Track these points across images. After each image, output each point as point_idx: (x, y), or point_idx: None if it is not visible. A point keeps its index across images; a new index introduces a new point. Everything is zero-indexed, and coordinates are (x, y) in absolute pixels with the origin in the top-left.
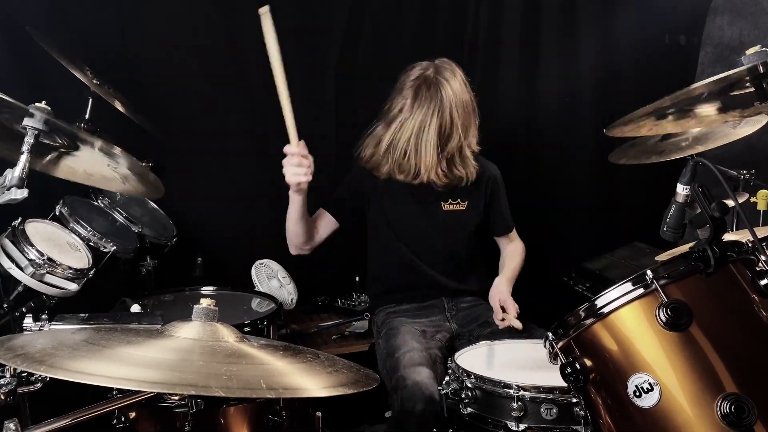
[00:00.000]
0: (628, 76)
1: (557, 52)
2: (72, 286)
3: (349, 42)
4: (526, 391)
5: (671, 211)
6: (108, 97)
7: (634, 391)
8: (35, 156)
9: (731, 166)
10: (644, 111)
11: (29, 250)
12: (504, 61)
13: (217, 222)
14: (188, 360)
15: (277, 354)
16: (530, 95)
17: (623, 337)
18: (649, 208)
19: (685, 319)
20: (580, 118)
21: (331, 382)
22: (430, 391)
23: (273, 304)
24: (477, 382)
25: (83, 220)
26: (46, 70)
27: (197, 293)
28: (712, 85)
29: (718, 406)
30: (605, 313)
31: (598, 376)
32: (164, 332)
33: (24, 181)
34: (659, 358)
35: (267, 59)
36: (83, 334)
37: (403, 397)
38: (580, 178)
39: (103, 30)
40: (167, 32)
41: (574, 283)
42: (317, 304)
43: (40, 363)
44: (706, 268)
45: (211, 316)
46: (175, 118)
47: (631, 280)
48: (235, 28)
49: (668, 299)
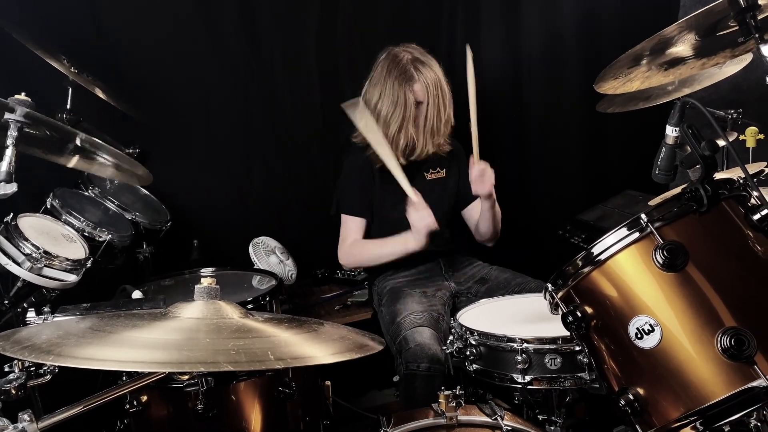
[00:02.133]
0: (610, 25)
1: (537, 4)
2: (71, 277)
3: (327, 13)
4: (530, 343)
5: (662, 153)
6: (87, 84)
7: (635, 334)
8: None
9: (718, 106)
10: (629, 57)
11: (24, 244)
12: (484, 14)
13: (210, 203)
14: (195, 338)
15: (282, 326)
16: (513, 51)
17: (621, 282)
18: (639, 155)
19: (682, 259)
20: (564, 70)
21: (338, 348)
22: (433, 350)
23: (274, 280)
24: (480, 339)
25: (75, 211)
26: (22, 62)
27: (197, 276)
28: (693, 20)
29: (719, 341)
30: (602, 260)
31: (599, 322)
32: (168, 314)
33: (12, 176)
34: (658, 300)
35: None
36: (87, 321)
37: (407, 359)
38: (567, 129)
39: (76, 17)
40: (141, 13)
41: (569, 236)
42: (317, 277)
43: (48, 353)
44: (699, 207)
45: (213, 294)
46: (157, 100)
47: (626, 225)
48: (213, 5)
49: (664, 241)
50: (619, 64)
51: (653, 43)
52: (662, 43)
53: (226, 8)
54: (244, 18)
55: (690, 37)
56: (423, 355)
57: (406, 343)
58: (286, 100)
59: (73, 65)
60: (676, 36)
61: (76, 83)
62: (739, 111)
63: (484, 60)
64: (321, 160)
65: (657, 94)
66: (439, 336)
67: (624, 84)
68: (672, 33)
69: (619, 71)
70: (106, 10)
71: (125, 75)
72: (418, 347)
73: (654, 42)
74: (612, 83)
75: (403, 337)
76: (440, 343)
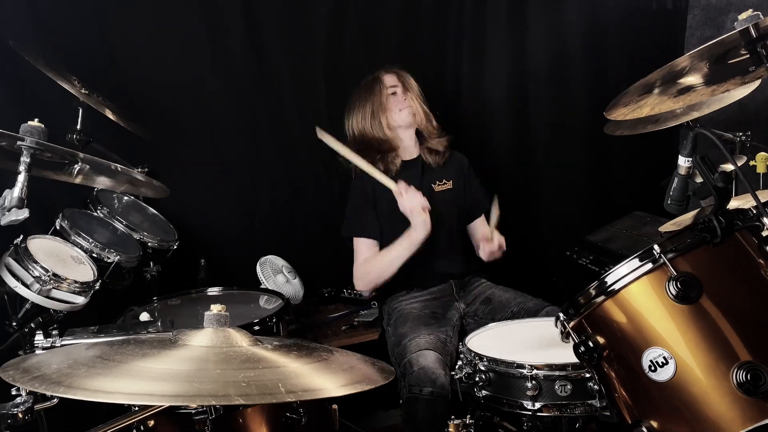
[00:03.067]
0: (617, 45)
1: (544, 25)
2: (79, 299)
3: (335, 28)
4: (540, 369)
5: (674, 183)
6: (98, 106)
7: (649, 366)
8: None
9: (726, 127)
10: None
11: (34, 267)
12: (490, 36)
13: (218, 222)
14: (205, 369)
15: (291, 355)
16: (519, 71)
17: (635, 313)
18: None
19: (695, 291)
20: (571, 89)
21: (348, 379)
22: (437, 374)
23: (280, 300)
24: (490, 365)
25: (84, 232)
26: (34, 83)
27: (204, 295)
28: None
29: (734, 375)
30: (615, 290)
31: (611, 352)
32: (178, 342)
33: (24, 201)
34: (672, 332)
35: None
36: (97, 349)
37: (410, 383)
38: (574, 149)
39: (87, 37)
40: (150, 35)
41: (576, 257)
42: (324, 296)
43: (58, 384)
44: (712, 238)
45: (223, 321)
46: (165, 121)
47: (639, 255)
48: (220, 26)
49: (677, 272)
50: (630, 94)
51: (664, 73)
52: (673, 73)
53: (234, 29)
54: (251, 39)
55: (701, 66)
56: (426, 379)
57: (410, 366)
58: (293, 121)
59: (83, 87)
60: (688, 66)
61: (86, 104)
62: (748, 134)
63: (490, 80)
64: (327, 179)
65: (665, 117)
66: (445, 359)
67: (634, 111)
68: (683, 63)
69: (629, 99)
70: (117, 32)
71: (134, 96)
72: (422, 371)
73: (665, 72)
74: (622, 110)
75: (407, 360)
76: (445, 367)
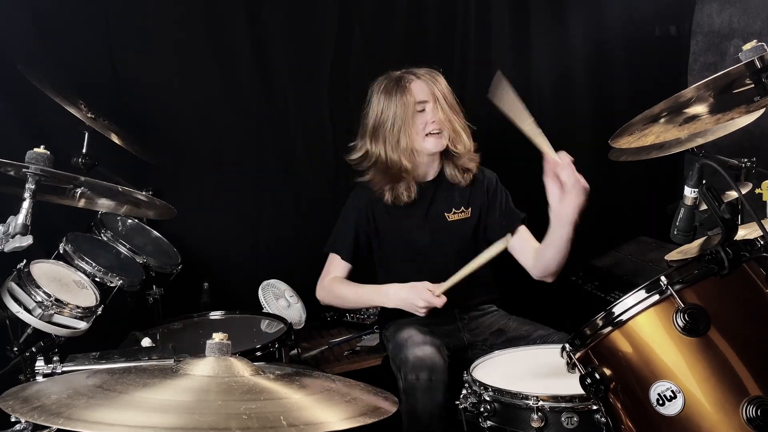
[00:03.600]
0: (620, 70)
1: (548, 50)
2: (81, 324)
3: (340, 50)
4: (545, 401)
5: (680, 214)
6: (103, 130)
7: (657, 399)
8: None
9: (731, 153)
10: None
11: (36, 292)
12: (495, 60)
13: (221, 246)
14: (206, 400)
15: (293, 386)
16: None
17: (642, 345)
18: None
19: (703, 324)
20: (575, 114)
21: (351, 411)
22: (434, 360)
23: (282, 325)
24: (495, 395)
25: (88, 256)
26: (40, 107)
27: (206, 319)
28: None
29: (744, 410)
30: (623, 321)
31: (618, 385)
32: (179, 370)
33: (28, 228)
34: (680, 365)
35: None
36: (97, 378)
37: (406, 372)
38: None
39: (94, 63)
40: (157, 59)
41: (582, 282)
42: (326, 320)
43: (57, 416)
44: (720, 270)
45: (225, 350)
46: (171, 144)
47: (646, 286)
48: (225, 50)
49: (684, 304)
50: (634, 125)
51: (669, 104)
52: (678, 104)
53: (241, 54)
54: (258, 64)
55: (706, 96)
56: (422, 366)
57: (406, 358)
58: (299, 145)
59: (89, 111)
60: (693, 97)
61: (92, 128)
62: (753, 160)
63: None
64: (332, 203)
65: (670, 143)
66: (443, 355)
67: (638, 139)
68: (689, 95)
69: (634, 129)
70: (124, 57)
71: (140, 119)
72: (417, 359)
73: (670, 103)
74: (627, 139)
75: (404, 354)
76: (443, 357)
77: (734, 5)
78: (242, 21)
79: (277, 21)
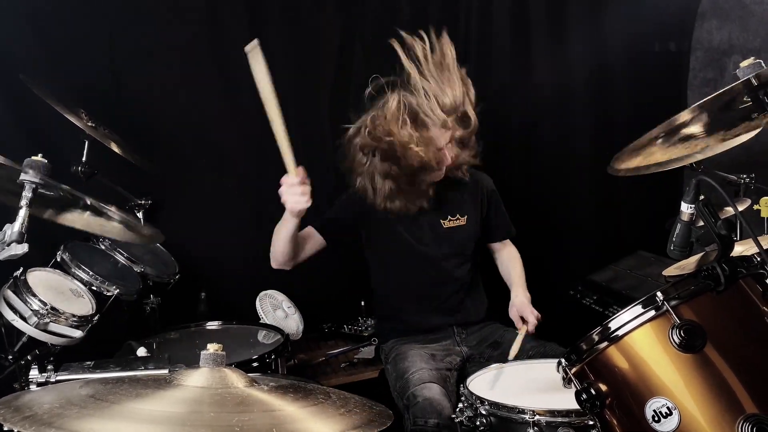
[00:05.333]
0: (620, 86)
1: (548, 66)
2: (77, 333)
3: (341, 63)
4: (542, 415)
5: (677, 229)
6: (103, 139)
7: (652, 416)
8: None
9: (730, 169)
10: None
11: (32, 300)
12: (495, 76)
13: (219, 256)
14: (198, 412)
15: (287, 398)
16: (524, 109)
17: (638, 361)
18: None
19: (699, 340)
20: (575, 128)
21: (345, 424)
22: (442, 405)
23: (279, 336)
24: (491, 409)
25: (85, 265)
26: (41, 116)
27: (203, 329)
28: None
29: (740, 428)
30: (618, 336)
31: (614, 401)
32: (172, 381)
33: (24, 236)
34: (676, 382)
35: None
36: (90, 388)
37: (414, 414)
38: (578, 188)
39: (95, 72)
40: (160, 69)
41: (581, 297)
42: (324, 331)
43: (48, 426)
44: (716, 286)
45: (219, 361)
46: (170, 154)
47: (642, 302)
48: (227, 61)
49: (680, 320)
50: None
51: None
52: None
53: (243, 66)
54: None
55: (703, 116)
56: (432, 411)
57: (414, 398)
58: (299, 156)
59: (90, 120)
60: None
61: (92, 137)
62: (752, 176)
63: (495, 118)
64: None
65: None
66: (449, 395)
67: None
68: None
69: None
70: (125, 67)
71: (140, 129)
72: (427, 402)
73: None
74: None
75: (411, 393)
76: (449, 401)
77: (734, 22)
78: (244, 33)
79: (280, 33)
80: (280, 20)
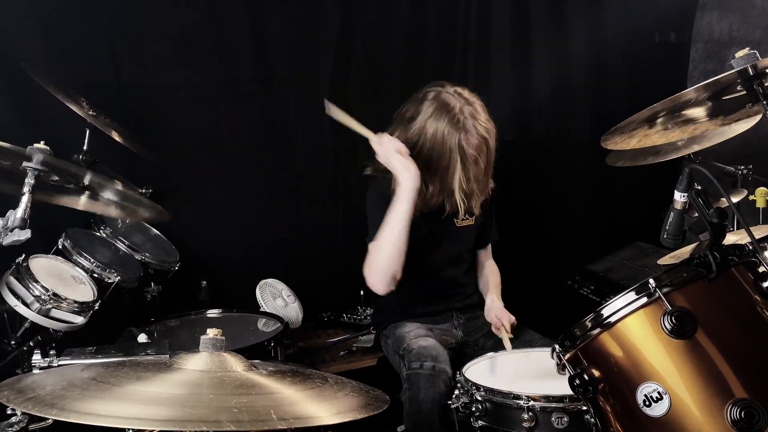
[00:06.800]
0: (620, 77)
1: (548, 57)
2: (78, 319)
3: (340, 57)
4: (536, 401)
5: (670, 218)
6: (104, 127)
7: (643, 401)
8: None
9: (729, 160)
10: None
11: (34, 286)
12: (495, 66)
13: (220, 244)
14: (198, 394)
15: (285, 381)
16: (523, 100)
17: (630, 346)
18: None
19: (690, 326)
20: (574, 120)
21: (342, 407)
22: (438, 351)
23: (279, 324)
24: (486, 395)
25: (86, 252)
26: (42, 104)
27: (203, 317)
28: (703, 89)
29: (728, 412)
30: (611, 322)
31: (606, 386)
32: (173, 365)
33: (27, 222)
34: (667, 367)
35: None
36: (92, 371)
37: (410, 360)
38: (577, 178)
39: (97, 61)
40: (160, 58)
41: (578, 287)
42: (323, 320)
43: (51, 406)
44: (708, 273)
45: (219, 346)
46: (171, 143)
47: (635, 289)
48: (227, 49)
49: (672, 307)
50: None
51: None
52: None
53: (242, 55)
54: (259, 66)
55: (704, 99)
56: (427, 355)
57: (409, 348)
58: (298, 146)
59: (91, 108)
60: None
61: (93, 126)
62: (750, 167)
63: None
64: (330, 204)
65: (666, 150)
66: (445, 346)
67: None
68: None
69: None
70: (126, 56)
71: (141, 118)
72: (422, 348)
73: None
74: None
75: (407, 344)
76: (446, 352)
77: (734, 14)
78: (245, 26)
79: (280, 26)
80: (280, 9)
